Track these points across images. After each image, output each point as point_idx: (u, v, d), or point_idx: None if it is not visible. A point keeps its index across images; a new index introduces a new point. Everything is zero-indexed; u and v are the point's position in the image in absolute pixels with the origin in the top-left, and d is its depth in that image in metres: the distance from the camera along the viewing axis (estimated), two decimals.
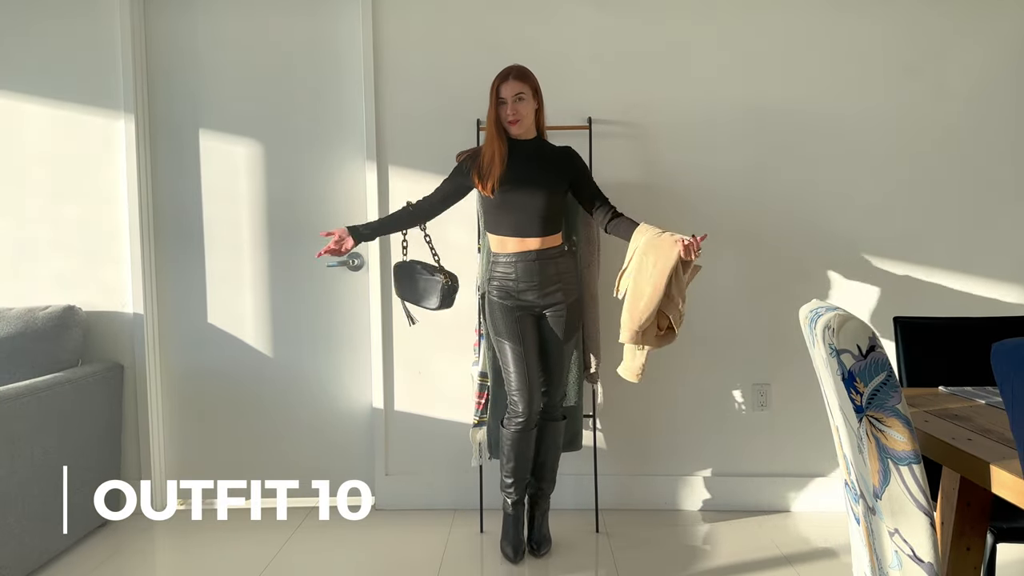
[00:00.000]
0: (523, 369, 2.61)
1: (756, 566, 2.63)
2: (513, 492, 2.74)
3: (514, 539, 2.73)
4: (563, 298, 2.66)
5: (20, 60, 3.11)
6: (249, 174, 3.21)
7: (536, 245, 2.62)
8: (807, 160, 3.09)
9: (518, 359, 2.61)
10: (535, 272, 2.62)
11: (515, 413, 2.63)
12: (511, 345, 2.63)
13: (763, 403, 3.15)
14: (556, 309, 2.66)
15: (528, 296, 2.64)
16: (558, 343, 2.68)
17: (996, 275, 3.08)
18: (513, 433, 2.64)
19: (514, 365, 2.62)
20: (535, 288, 2.63)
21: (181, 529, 3.04)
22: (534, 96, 2.62)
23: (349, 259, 3.20)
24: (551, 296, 2.65)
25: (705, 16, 3.08)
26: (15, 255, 3.15)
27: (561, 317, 2.66)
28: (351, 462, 3.26)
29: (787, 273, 3.12)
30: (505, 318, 2.64)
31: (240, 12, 3.17)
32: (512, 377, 2.62)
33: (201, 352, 3.25)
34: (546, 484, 2.77)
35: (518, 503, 2.76)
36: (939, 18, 3.05)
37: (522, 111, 2.58)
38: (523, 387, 2.61)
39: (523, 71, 2.62)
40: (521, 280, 2.63)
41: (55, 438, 2.69)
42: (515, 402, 2.63)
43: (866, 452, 1.27)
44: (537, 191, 2.59)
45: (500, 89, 2.58)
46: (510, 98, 2.57)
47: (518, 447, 2.66)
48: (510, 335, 2.63)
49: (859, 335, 1.22)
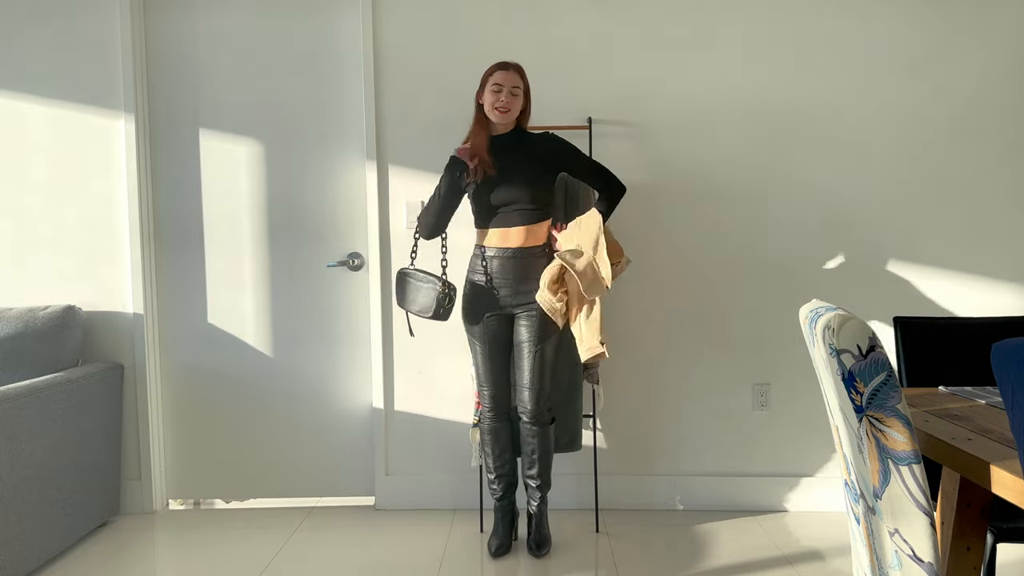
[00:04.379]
0: (488, 367, 2.71)
1: (756, 566, 2.63)
2: (498, 488, 2.77)
3: (501, 535, 2.76)
4: (535, 298, 2.65)
5: (21, 60, 3.11)
6: (249, 174, 3.21)
7: (519, 239, 2.63)
8: (807, 160, 3.09)
9: (484, 358, 2.71)
10: (510, 269, 2.64)
11: (484, 407, 2.74)
12: (479, 345, 2.71)
13: (763, 403, 3.15)
14: (528, 310, 2.66)
15: (502, 292, 2.65)
16: (532, 345, 2.66)
17: (996, 275, 3.08)
18: (485, 427, 2.74)
19: (481, 362, 2.72)
20: (508, 285, 2.64)
21: (181, 529, 3.04)
22: (525, 95, 2.65)
23: (349, 259, 3.21)
24: (524, 296, 2.65)
25: (705, 16, 3.08)
26: (15, 255, 3.15)
27: (533, 318, 2.66)
28: (351, 462, 3.26)
29: (787, 273, 3.12)
30: (475, 316, 2.69)
31: (240, 12, 3.17)
32: (479, 372, 2.73)
33: (201, 352, 3.25)
34: (542, 485, 2.76)
35: (503, 499, 2.78)
36: (940, 18, 3.05)
37: (514, 104, 2.60)
38: (488, 383, 2.71)
39: (522, 69, 2.65)
40: (495, 277, 2.64)
41: (55, 438, 2.69)
42: (483, 396, 2.74)
43: (866, 452, 1.27)
44: (520, 180, 2.60)
45: (498, 75, 2.59)
46: (507, 87, 2.58)
47: (492, 441, 2.73)
48: (478, 334, 2.70)
49: (859, 335, 1.22)
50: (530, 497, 2.78)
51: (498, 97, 2.58)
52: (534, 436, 2.70)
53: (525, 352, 2.66)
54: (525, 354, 2.66)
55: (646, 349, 3.15)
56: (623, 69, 3.10)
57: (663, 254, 3.12)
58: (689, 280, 3.14)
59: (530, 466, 2.74)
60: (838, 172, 3.09)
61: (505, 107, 2.58)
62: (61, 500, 2.72)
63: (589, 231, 2.61)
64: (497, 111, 2.59)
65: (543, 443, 2.72)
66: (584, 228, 2.63)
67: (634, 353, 3.15)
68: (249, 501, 3.32)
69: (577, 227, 2.65)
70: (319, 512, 3.20)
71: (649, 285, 3.13)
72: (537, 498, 2.77)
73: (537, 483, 2.74)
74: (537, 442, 2.71)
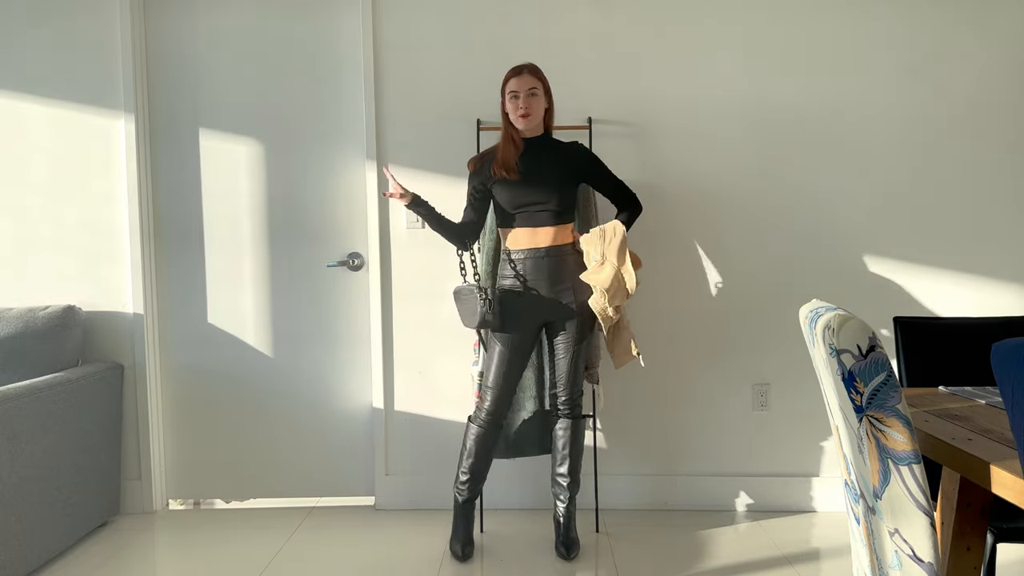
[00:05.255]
0: (503, 373, 2.65)
1: (756, 566, 2.63)
2: (466, 490, 2.74)
3: (463, 536, 2.74)
4: (573, 298, 2.65)
5: (21, 60, 3.11)
6: (249, 174, 3.21)
7: (548, 239, 2.63)
8: (807, 160, 3.09)
9: (502, 363, 2.66)
10: (543, 268, 2.63)
11: (484, 407, 2.68)
12: (501, 348, 2.66)
13: (763, 403, 3.15)
14: (566, 311, 2.66)
15: (534, 293, 2.64)
16: (571, 346, 2.67)
17: (996, 275, 3.08)
18: (479, 428, 2.69)
19: (497, 364, 2.66)
20: (544, 286, 2.64)
21: (181, 529, 3.04)
22: (546, 94, 2.64)
23: (349, 259, 3.21)
24: (562, 295, 2.65)
25: (706, 16, 3.08)
26: (15, 255, 3.15)
27: (572, 319, 2.66)
28: (351, 462, 3.26)
29: (787, 273, 3.12)
30: (507, 321, 2.65)
31: (240, 12, 3.18)
32: (492, 373, 2.67)
33: (201, 352, 3.25)
34: (572, 484, 2.73)
35: (468, 502, 2.76)
36: (940, 18, 3.05)
37: (534, 105, 2.59)
38: (497, 385, 2.66)
39: (536, 68, 2.64)
40: (530, 278, 2.64)
41: (55, 438, 2.69)
42: (487, 397, 2.68)
43: (866, 452, 1.27)
44: (548, 182, 2.61)
45: (512, 83, 2.59)
46: (523, 92, 2.58)
47: (478, 443, 2.69)
48: (504, 340, 2.66)
49: (859, 335, 1.22)
50: (558, 499, 2.74)
51: (517, 104, 2.58)
52: (567, 429, 2.70)
53: (562, 353, 2.68)
54: (563, 355, 2.68)
55: (646, 349, 3.15)
56: (623, 69, 3.10)
57: (664, 253, 3.12)
58: (689, 280, 3.14)
59: (561, 462, 2.72)
60: (838, 171, 3.09)
61: (528, 111, 2.58)
62: (61, 500, 2.72)
63: (616, 243, 2.62)
64: (521, 119, 2.58)
65: (576, 436, 2.72)
66: (609, 240, 2.63)
67: None
68: (249, 501, 3.32)
69: (601, 236, 2.64)
70: (319, 512, 3.20)
71: (649, 285, 3.12)
72: (566, 498, 2.73)
73: (567, 481, 2.72)
74: (570, 435, 2.70)
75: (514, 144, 2.63)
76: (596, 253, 2.63)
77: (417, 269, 3.14)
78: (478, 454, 2.71)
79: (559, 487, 2.74)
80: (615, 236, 2.62)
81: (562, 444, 2.71)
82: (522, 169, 2.61)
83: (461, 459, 2.74)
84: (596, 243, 2.64)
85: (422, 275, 3.14)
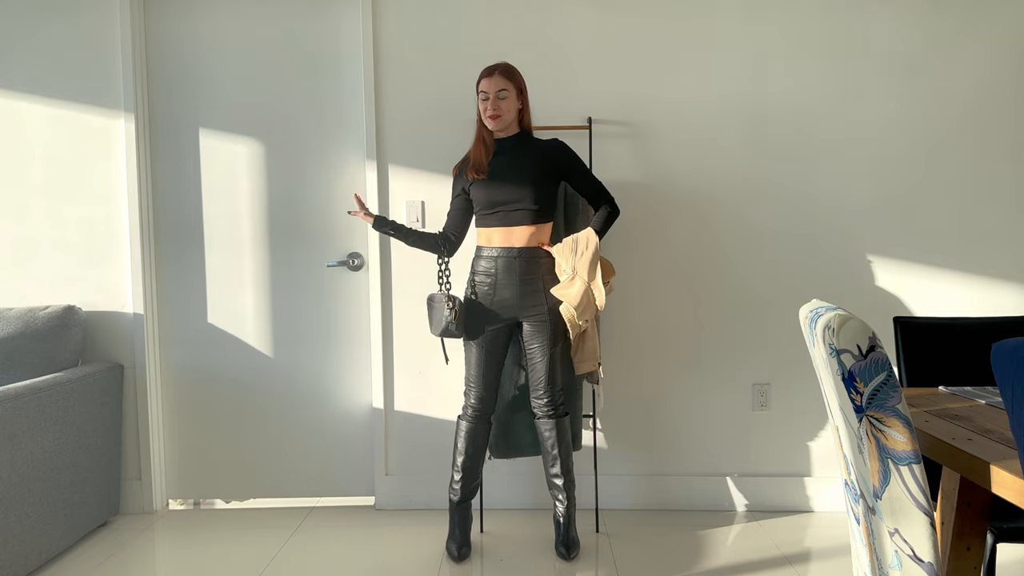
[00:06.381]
0: (481, 372, 2.69)
1: (756, 566, 2.63)
2: (459, 490, 2.75)
3: (459, 537, 2.74)
4: (544, 301, 2.64)
5: (21, 60, 3.11)
6: (249, 174, 3.21)
7: (523, 239, 2.63)
8: (807, 160, 3.10)
9: (478, 363, 2.69)
10: (515, 270, 2.63)
11: (469, 403, 2.71)
12: (476, 351, 2.69)
13: (763, 403, 3.15)
14: (538, 315, 2.65)
15: (504, 294, 2.63)
16: (545, 350, 2.67)
17: (996, 275, 3.08)
18: (467, 423, 2.71)
19: (474, 365, 2.70)
20: (513, 287, 2.63)
21: (181, 529, 3.04)
22: (518, 96, 2.63)
23: (349, 259, 3.21)
24: (530, 297, 2.64)
25: (706, 16, 3.08)
26: (15, 255, 3.15)
27: (544, 323, 2.65)
28: (351, 462, 3.26)
29: (787, 273, 3.12)
30: (477, 324, 2.66)
31: (240, 12, 3.18)
32: (471, 370, 2.70)
33: (201, 352, 3.25)
34: (567, 483, 2.73)
35: (463, 502, 2.77)
36: (939, 18, 3.05)
37: (503, 107, 2.59)
38: (477, 384, 2.69)
39: (509, 69, 2.62)
40: (500, 278, 2.63)
41: (55, 438, 2.69)
42: (469, 394, 2.71)
43: (866, 452, 1.27)
44: (522, 181, 2.60)
45: (483, 83, 2.60)
46: (492, 93, 2.58)
47: (468, 440, 2.71)
48: (476, 341, 2.68)
49: (859, 335, 1.22)
50: (556, 499, 2.74)
51: (486, 106, 2.59)
52: (551, 429, 2.70)
53: (538, 357, 2.67)
54: (539, 359, 2.67)
55: (646, 349, 3.15)
56: (623, 69, 3.10)
57: (663, 253, 3.12)
58: (689, 279, 3.14)
59: (552, 463, 2.72)
60: (838, 171, 3.09)
61: (496, 113, 2.58)
62: (61, 500, 2.72)
63: (587, 257, 2.60)
64: (490, 119, 2.59)
65: (562, 435, 2.71)
66: (580, 253, 2.61)
67: (634, 353, 3.15)
68: (249, 501, 3.32)
69: (573, 248, 2.61)
70: (319, 512, 3.20)
71: (649, 285, 3.13)
72: (565, 498, 2.72)
73: (563, 480, 2.71)
74: (555, 434, 2.70)
75: (485, 144, 2.64)
76: (567, 266, 2.62)
77: (417, 269, 3.14)
78: (467, 451, 2.72)
79: (556, 488, 2.74)
80: (587, 249, 2.60)
81: (550, 445, 2.71)
82: (495, 168, 2.62)
83: (454, 459, 2.76)
84: (567, 255, 2.62)
85: (422, 275, 3.14)
